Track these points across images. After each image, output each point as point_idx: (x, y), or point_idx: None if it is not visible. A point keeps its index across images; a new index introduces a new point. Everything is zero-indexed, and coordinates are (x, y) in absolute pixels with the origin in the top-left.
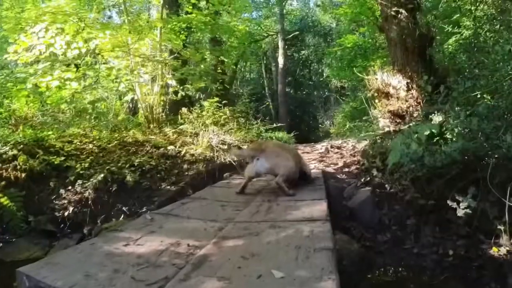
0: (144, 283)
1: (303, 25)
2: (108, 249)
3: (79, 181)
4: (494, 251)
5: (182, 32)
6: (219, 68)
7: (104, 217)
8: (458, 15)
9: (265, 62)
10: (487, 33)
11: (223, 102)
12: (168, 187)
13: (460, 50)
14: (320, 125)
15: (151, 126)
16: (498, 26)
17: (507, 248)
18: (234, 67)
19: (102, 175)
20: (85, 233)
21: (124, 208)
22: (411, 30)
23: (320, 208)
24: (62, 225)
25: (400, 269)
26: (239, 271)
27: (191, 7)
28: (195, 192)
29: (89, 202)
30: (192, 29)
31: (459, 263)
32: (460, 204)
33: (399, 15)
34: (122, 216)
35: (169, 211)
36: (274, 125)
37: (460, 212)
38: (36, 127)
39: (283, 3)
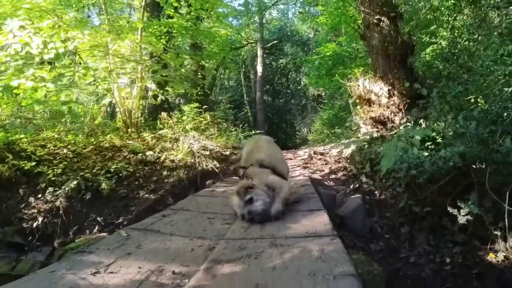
0: None
1: (282, 34)
2: (72, 280)
3: (50, 189)
4: (491, 257)
5: (163, 36)
6: (199, 73)
7: (77, 228)
8: (434, 26)
9: (244, 70)
10: (466, 42)
11: (204, 107)
12: (147, 195)
13: (438, 59)
14: (297, 132)
15: (129, 130)
16: (476, 36)
17: (504, 254)
18: (215, 72)
19: (75, 182)
20: (55, 247)
21: (98, 219)
22: (393, 37)
23: (321, 220)
24: (31, 237)
25: (397, 280)
26: None
27: (173, 10)
28: (177, 202)
29: (60, 211)
30: (173, 34)
31: (458, 271)
32: (461, 211)
33: (381, 23)
34: (97, 228)
35: (148, 226)
36: (253, 132)
37: (462, 220)
38: (9, 129)
39: (263, 12)
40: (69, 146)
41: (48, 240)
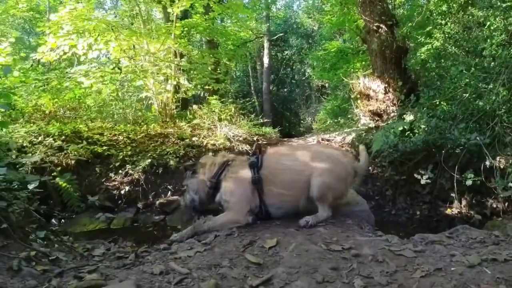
0: None
1: (287, 27)
2: None
3: (128, 166)
4: (448, 211)
5: (185, 35)
6: (218, 69)
7: (154, 194)
8: (430, 27)
9: (250, 61)
10: (453, 47)
11: (229, 100)
12: None
13: (431, 58)
14: (301, 121)
15: (165, 120)
16: (462, 42)
17: (458, 210)
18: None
19: (149, 160)
20: (139, 207)
21: (169, 187)
22: (390, 42)
23: None
24: (120, 201)
25: (383, 223)
26: None
27: (198, 15)
28: None
29: (141, 182)
30: (191, 33)
31: (424, 219)
32: (423, 176)
33: (380, 30)
34: (169, 193)
35: None
36: (261, 121)
37: (423, 181)
38: (62, 121)
39: (270, 7)
40: (123, 134)
41: (133, 203)
